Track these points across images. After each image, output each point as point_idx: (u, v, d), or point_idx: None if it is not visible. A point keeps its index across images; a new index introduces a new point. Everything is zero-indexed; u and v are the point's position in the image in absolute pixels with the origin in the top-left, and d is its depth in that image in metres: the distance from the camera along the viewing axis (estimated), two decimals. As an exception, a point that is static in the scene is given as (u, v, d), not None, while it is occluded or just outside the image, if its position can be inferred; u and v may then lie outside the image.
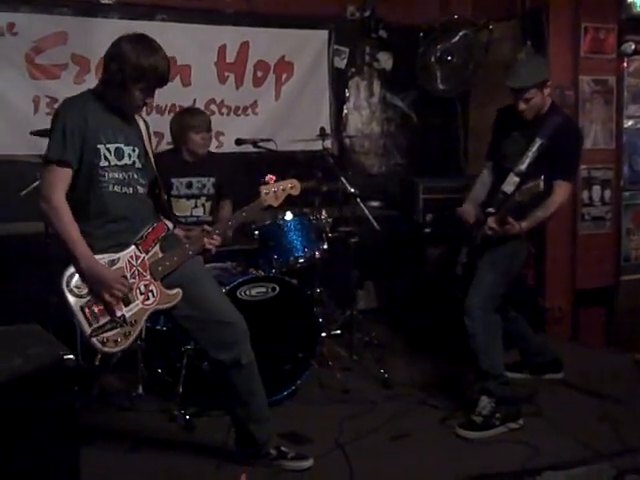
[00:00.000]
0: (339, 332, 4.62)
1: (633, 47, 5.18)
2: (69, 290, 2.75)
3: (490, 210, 3.63)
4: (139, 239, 2.91)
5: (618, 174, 5.31)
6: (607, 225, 5.28)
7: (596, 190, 5.20)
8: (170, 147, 4.29)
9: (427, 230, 5.34)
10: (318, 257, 4.12)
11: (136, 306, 2.88)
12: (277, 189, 3.24)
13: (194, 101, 4.93)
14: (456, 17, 5.56)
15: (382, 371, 4.17)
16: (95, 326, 2.78)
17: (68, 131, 2.78)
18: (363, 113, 5.81)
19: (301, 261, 4.06)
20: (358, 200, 4.37)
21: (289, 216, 4.06)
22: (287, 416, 3.60)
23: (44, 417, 2.22)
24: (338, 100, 5.62)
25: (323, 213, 4.30)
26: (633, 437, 3.36)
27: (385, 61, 5.77)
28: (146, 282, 2.90)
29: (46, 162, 2.82)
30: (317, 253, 4.11)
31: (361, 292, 5.40)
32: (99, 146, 2.84)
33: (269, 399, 3.26)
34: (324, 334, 4.22)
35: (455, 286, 3.88)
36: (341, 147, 5.64)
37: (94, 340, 2.78)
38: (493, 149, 3.89)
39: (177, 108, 4.76)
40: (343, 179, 4.39)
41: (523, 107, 3.61)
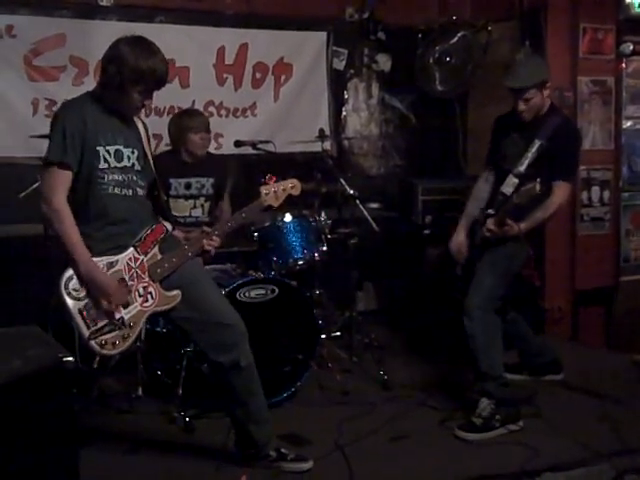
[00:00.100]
0: (339, 334, 4.61)
1: (631, 48, 5.17)
2: (67, 293, 2.75)
3: (489, 211, 3.63)
4: (138, 241, 2.91)
5: (617, 175, 5.31)
6: (606, 226, 5.28)
7: (595, 191, 5.20)
8: (169, 149, 4.29)
9: (426, 231, 5.34)
10: (317, 259, 4.12)
11: (135, 308, 2.87)
12: (277, 189, 3.23)
13: (193, 103, 4.92)
14: (454, 18, 5.57)
15: (382, 372, 4.17)
16: (93, 329, 2.77)
17: (68, 133, 2.78)
18: (362, 114, 5.81)
19: (300, 263, 4.07)
20: (357, 201, 4.37)
21: (288, 218, 4.06)
22: (287, 418, 3.60)
23: (43, 419, 2.22)
24: (337, 102, 5.62)
25: (322, 215, 4.30)
26: (633, 437, 3.36)
27: (384, 62, 5.77)
28: (145, 284, 2.90)
29: (46, 164, 2.81)
30: (316, 255, 4.11)
31: (360, 293, 5.39)
32: (98, 148, 2.84)
33: (269, 401, 3.25)
34: (324, 336, 4.21)
35: (454, 287, 3.88)
36: (340, 148, 5.63)
37: (92, 343, 2.78)
38: (492, 155, 3.88)
39: (176, 110, 4.75)
40: (342, 180, 4.39)
41: (522, 108, 3.60)
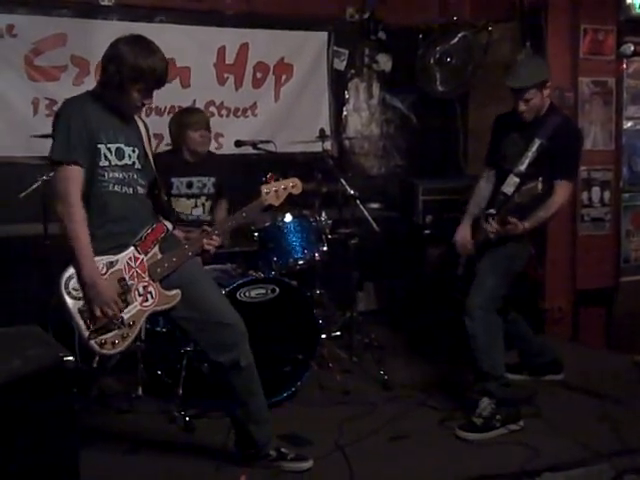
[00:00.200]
0: (339, 334, 4.61)
1: (632, 48, 5.11)
2: (67, 292, 2.75)
3: (491, 211, 3.63)
4: (138, 240, 2.90)
5: (617, 175, 5.30)
6: (606, 226, 5.27)
7: (595, 191, 5.19)
8: (170, 148, 4.29)
9: (427, 231, 5.34)
10: (318, 259, 4.12)
11: (134, 308, 2.87)
12: (278, 188, 3.21)
13: (194, 102, 4.92)
14: (455, 19, 5.57)
15: (382, 372, 4.16)
16: (93, 328, 2.77)
17: (73, 131, 2.77)
18: (362, 115, 5.81)
19: (301, 263, 4.06)
20: (358, 202, 4.36)
21: (289, 218, 4.06)
22: (287, 418, 3.60)
23: (43, 419, 2.22)
24: (337, 102, 5.62)
25: (323, 215, 4.30)
26: (632, 438, 3.36)
27: (384, 63, 5.77)
28: (145, 283, 2.90)
29: (54, 164, 2.81)
30: (317, 255, 4.11)
31: (361, 294, 5.40)
32: (100, 146, 2.84)
33: (269, 401, 3.25)
34: (324, 336, 4.21)
35: (455, 287, 3.88)
36: (341, 149, 5.63)
37: (92, 342, 2.78)
38: (491, 154, 3.88)
39: (176, 109, 4.73)
40: (343, 181, 4.38)
41: (523, 108, 3.60)
